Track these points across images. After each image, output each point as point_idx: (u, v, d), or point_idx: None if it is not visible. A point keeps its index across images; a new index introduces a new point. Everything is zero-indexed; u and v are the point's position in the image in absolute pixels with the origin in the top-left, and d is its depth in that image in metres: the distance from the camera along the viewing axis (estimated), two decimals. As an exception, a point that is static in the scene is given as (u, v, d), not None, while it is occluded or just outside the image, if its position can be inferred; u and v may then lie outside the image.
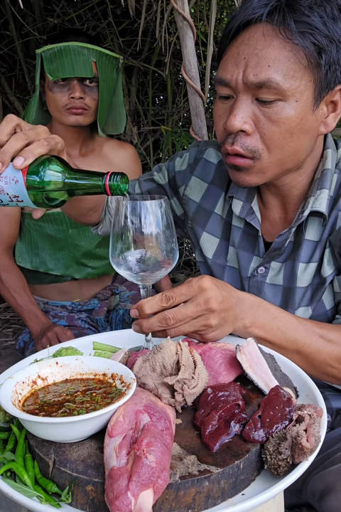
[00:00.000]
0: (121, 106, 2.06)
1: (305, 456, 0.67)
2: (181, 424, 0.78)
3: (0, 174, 0.91)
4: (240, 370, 0.87)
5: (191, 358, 0.83)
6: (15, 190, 0.92)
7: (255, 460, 0.70)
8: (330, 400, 1.17)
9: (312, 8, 0.95)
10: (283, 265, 1.14)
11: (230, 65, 1.00)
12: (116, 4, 2.66)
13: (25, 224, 2.03)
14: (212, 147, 1.29)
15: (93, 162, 2.05)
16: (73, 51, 1.82)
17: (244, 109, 0.99)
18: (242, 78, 0.98)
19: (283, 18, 0.95)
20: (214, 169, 1.27)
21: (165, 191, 1.35)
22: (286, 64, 0.96)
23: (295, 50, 0.95)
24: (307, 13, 0.95)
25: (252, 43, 0.97)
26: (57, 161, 0.96)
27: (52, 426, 0.70)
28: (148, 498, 0.61)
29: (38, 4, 2.71)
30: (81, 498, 0.66)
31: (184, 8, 1.69)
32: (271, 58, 0.96)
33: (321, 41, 0.95)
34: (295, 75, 0.96)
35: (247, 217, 1.16)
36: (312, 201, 1.08)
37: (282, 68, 0.95)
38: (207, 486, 0.65)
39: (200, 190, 1.27)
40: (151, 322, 0.87)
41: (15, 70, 2.87)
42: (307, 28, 0.94)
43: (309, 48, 0.95)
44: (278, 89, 0.96)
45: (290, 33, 0.95)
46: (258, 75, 0.96)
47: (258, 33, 0.97)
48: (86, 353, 0.98)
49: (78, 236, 2.05)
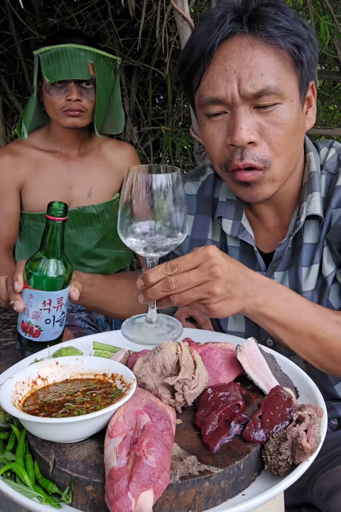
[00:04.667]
0: (120, 107, 2.06)
1: (306, 456, 0.67)
2: (181, 424, 0.78)
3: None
4: (240, 370, 0.87)
5: (191, 358, 0.83)
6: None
7: (255, 460, 0.70)
8: (337, 409, 1.17)
9: (279, 14, 0.99)
10: (286, 273, 1.14)
11: (220, 82, 0.99)
12: (116, 4, 2.65)
13: (25, 224, 2.03)
14: (188, 180, 1.30)
15: (92, 162, 2.05)
16: (70, 53, 1.81)
17: (247, 121, 0.99)
18: (238, 91, 0.98)
19: (263, 26, 0.98)
20: (195, 199, 1.27)
21: None
22: (276, 68, 0.98)
23: (281, 53, 0.99)
24: (277, 18, 0.99)
25: (238, 56, 0.98)
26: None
27: (52, 426, 0.70)
28: (149, 498, 0.61)
29: (38, 4, 2.71)
30: (81, 498, 0.66)
31: (184, 8, 1.69)
32: (262, 66, 0.97)
33: (298, 41, 0.99)
34: (285, 76, 0.99)
35: (239, 234, 1.16)
36: (306, 206, 1.08)
37: (274, 73, 0.98)
38: (208, 487, 0.65)
39: (188, 224, 1.24)
40: (154, 288, 0.86)
41: (15, 70, 2.86)
42: (284, 32, 0.98)
43: (291, 48, 0.99)
44: (277, 93, 0.98)
45: (272, 38, 0.98)
46: (255, 85, 0.97)
47: (242, 45, 0.98)
48: (86, 353, 0.98)
49: (77, 236, 2.05)
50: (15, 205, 1.99)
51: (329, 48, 2.27)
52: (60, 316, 1.07)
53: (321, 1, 2.20)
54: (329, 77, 2.83)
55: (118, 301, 1.36)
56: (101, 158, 2.07)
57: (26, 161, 1.98)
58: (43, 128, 2.02)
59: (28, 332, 1.07)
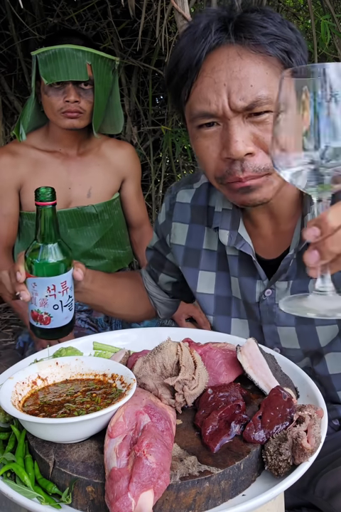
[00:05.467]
0: (119, 107, 2.05)
1: (306, 456, 0.67)
2: (181, 424, 0.77)
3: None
4: (240, 371, 0.87)
5: (191, 358, 0.83)
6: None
7: (255, 461, 0.70)
8: (338, 410, 1.17)
9: (266, 20, 0.96)
10: (289, 283, 1.10)
11: (210, 95, 0.96)
12: (116, 4, 2.65)
13: (24, 224, 2.03)
14: (182, 188, 1.28)
15: (91, 162, 2.05)
16: (68, 54, 1.81)
17: (241, 133, 0.96)
18: (229, 104, 0.95)
19: (250, 34, 0.95)
20: (190, 208, 1.25)
21: (160, 252, 1.34)
22: (266, 77, 0.96)
23: (270, 61, 0.96)
24: (264, 25, 0.96)
25: (226, 67, 0.95)
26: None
27: (52, 426, 0.70)
28: (149, 499, 0.61)
29: (38, 4, 2.71)
30: (81, 498, 0.66)
31: (184, 8, 1.69)
32: (251, 77, 0.94)
33: (287, 46, 0.96)
34: (276, 84, 0.93)
35: (237, 245, 1.13)
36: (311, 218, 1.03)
37: (264, 82, 0.95)
38: (208, 487, 0.65)
39: (183, 232, 1.25)
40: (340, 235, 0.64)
41: (15, 70, 2.86)
42: (272, 38, 0.95)
43: (281, 54, 0.96)
44: (268, 102, 0.95)
45: (260, 46, 0.95)
46: (245, 98, 0.94)
47: (230, 55, 0.95)
48: (86, 353, 0.98)
49: (76, 236, 2.05)
50: (15, 205, 1.99)
51: (329, 48, 2.27)
52: (68, 300, 1.06)
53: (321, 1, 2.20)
54: (329, 77, 2.83)
55: (118, 299, 1.35)
56: (100, 157, 2.07)
57: (25, 161, 1.98)
58: (42, 128, 2.02)
59: (38, 320, 1.06)
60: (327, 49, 2.18)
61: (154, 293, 1.39)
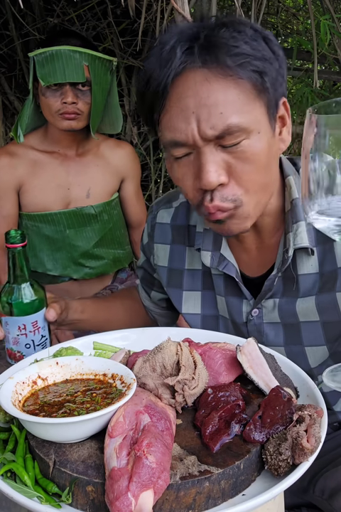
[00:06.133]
0: (117, 107, 2.05)
1: (306, 456, 0.67)
2: (181, 424, 0.78)
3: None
4: (240, 371, 0.87)
5: (191, 358, 0.83)
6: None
7: (255, 460, 0.70)
8: (338, 415, 1.17)
9: (235, 38, 0.89)
10: (275, 301, 1.09)
11: (179, 124, 0.91)
12: (116, 4, 2.65)
13: (23, 225, 2.03)
14: (162, 208, 1.25)
15: (90, 162, 2.05)
16: (65, 55, 1.80)
17: (214, 162, 0.90)
18: (198, 133, 0.89)
19: (215, 58, 0.88)
20: (170, 228, 1.22)
21: (147, 271, 1.33)
22: (237, 102, 0.89)
23: (241, 85, 0.89)
24: (233, 44, 0.88)
25: (194, 93, 0.89)
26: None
27: (52, 426, 0.70)
28: (149, 498, 0.61)
29: (38, 4, 2.71)
30: (81, 498, 0.66)
31: (184, 8, 1.69)
32: (220, 103, 0.88)
33: (259, 65, 0.89)
34: (248, 108, 0.90)
35: (219, 266, 1.09)
36: (293, 238, 1.01)
37: (235, 109, 0.89)
38: (208, 487, 0.65)
39: (165, 254, 1.23)
40: None
41: (15, 70, 2.86)
42: (243, 58, 0.88)
43: (252, 76, 0.89)
44: (240, 130, 0.89)
45: (229, 69, 0.88)
46: (215, 127, 0.88)
47: (197, 81, 0.89)
48: (86, 353, 0.98)
49: (76, 236, 2.05)
50: (14, 206, 1.99)
51: (329, 48, 2.27)
52: (41, 339, 1.11)
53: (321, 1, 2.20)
54: (329, 77, 2.83)
55: (114, 321, 1.34)
56: (99, 158, 2.07)
57: (24, 161, 1.98)
58: (41, 129, 2.02)
59: (13, 358, 1.11)
60: (327, 49, 2.18)
61: (151, 307, 1.39)
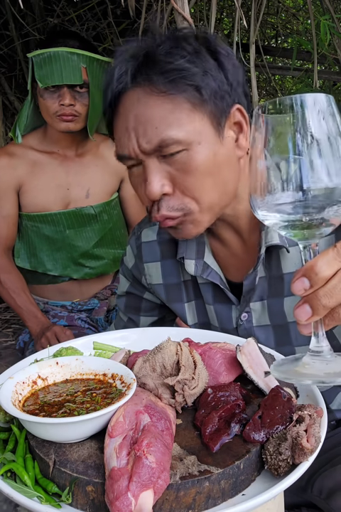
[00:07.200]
0: None
1: (306, 456, 0.67)
2: (181, 424, 0.78)
3: None
4: (240, 370, 0.87)
5: (191, 358, 0.83)
6: None
7: (255, 460, 0.70)
8: (335, 413, 1.17)
9: (172, 53, 0.92)
10: (264, 303, 1.09)
11: (122, 139, 0.97)
12: (116, 4, 2.65)
13: (23, 225, 2.03)
14: (145, 227, 1.27)
15: (89, 162, 2.05)
16: (62, 57, 1.80)
17: (156, 173, 0.95)
18: (139, 148, 0.95)
19: (147, 76, 0.93)
20: (157, 245, 1.23)
21: (135, 294, 1.31)
22: (171, 117, 0.92)
23: (174, 100, 0.92)
24: (168, 60, 0.92)
25: (130, 112, 0.95)
26: None
27: (52, 426, 0.70)
28: (149, 498, 0.61)
29: (38, 4, 2.71)
30: (81, 498, 0.66)
31: (184, 8, 1.69)
32: (155, 119, 0.92)
33: (194, 79, 0.92)
34: (184, 122, 0.93)
35: (203, 273, 1.10)
36: (264, 236, 1.02)
37: (170, 123, 0.92)
38: (208, 487, 0.65)
39: (157, 271, 1.23)
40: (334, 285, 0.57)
41: (15, 70, 2.87)
42: (175, 74, 0.92)
43: (186, 91, 0.92)
44: (177, 142, 0.92)
45: (161, 86, 0.92)
46: (150, 141, 0.93)
47: (133, 101, 0.95)
48: (86, 352, 0.98)
49: (75, 236, 2.05)
50: (14, 207, 1.99)
51: (329, 48, 2.28)
52: None
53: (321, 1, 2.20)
54: (329, 77, 2.84)
55: None
56: (99, 158, 2.07)
57: (23, 162, 1.98)
58: (40, 129, 2.03)
59: None
60: (327, 49, 2.18)
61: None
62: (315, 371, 0.62)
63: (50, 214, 2.00)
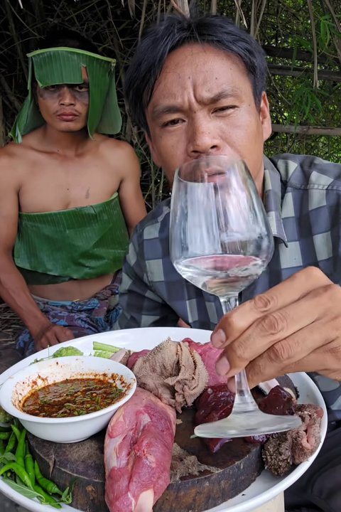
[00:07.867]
0: (116, 107, 2.06)
1: (306, 456, 0.67)
2: (181, 424, 0.78)
3: None
4: (240, 371, 0.87)
5: (191, 358, 0.83)
6: None
7: (255, 460, 0.70)
8: (335, 414, 1.17)
9: (225, 22, 0.99)
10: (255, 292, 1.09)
11: (174, 89, 0.96)
12: (116, 4, 2.65)
13: (23, 225, 2.03)
14: (147, 225, 1.27)
15: (89, 162, 2.05)
16: (62, 57, 1.80)
17: (207, 125, 0.95)
18: (195, 96, 0.95)
19: (213, 32, 0.97)
20: (159, 242, 1.23)
21: (137, 293, 1.32)
22: (230, 72, 0.97)
23: (233, 58, 0.98)
24: (225, 25, 0.99)
25: (190, 62, 0.96)
26: None
27: (52, 426, 0.70)
28: (149, 498, 0.61)
29: (38, 4, 2.71)
30: (81, 498, 0.66)
31: (184, 8, 1.69)
32: (215, 70, 0.96)
33: (248, 47, 0.99)
34: (240, 80, 0.98)
35: None
36: None
37: (228, 77, 0.96)
38: (208, 487, 0.65)
39: (159, 268, 1.23)
40: (247, 336, 0.56)
41: (15, 70, 2.87)
42: (233, 37, 0.98)
43: (243, 52, 0.98)
44: (234, 95, 0.96)
45: (223, 43, 0.97)
46: (211, 89, 0.95)
47: (194, 51, 0.97)
48: (86, 352, 0.98)
49: (75, 236, 2.05)
50: (14, 207, 1.99)
51: (329, 48, 2.28)
52: None
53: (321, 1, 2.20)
54: (329, 77, 2.84)
55: None
56: (98, 158, 2.07)
57: (23, 162, 1.98)
58: (40, 129, 2.03)
59: None
60: (327, 49, 2.18)
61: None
62: (238, 424, 0.61)
63: (50, 214, 2.00)
